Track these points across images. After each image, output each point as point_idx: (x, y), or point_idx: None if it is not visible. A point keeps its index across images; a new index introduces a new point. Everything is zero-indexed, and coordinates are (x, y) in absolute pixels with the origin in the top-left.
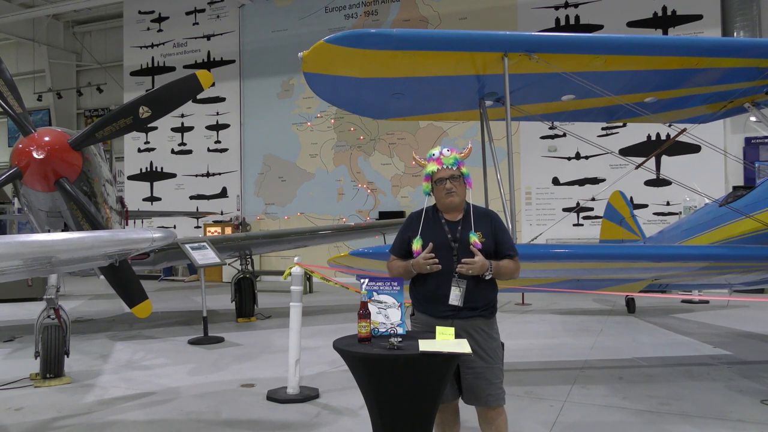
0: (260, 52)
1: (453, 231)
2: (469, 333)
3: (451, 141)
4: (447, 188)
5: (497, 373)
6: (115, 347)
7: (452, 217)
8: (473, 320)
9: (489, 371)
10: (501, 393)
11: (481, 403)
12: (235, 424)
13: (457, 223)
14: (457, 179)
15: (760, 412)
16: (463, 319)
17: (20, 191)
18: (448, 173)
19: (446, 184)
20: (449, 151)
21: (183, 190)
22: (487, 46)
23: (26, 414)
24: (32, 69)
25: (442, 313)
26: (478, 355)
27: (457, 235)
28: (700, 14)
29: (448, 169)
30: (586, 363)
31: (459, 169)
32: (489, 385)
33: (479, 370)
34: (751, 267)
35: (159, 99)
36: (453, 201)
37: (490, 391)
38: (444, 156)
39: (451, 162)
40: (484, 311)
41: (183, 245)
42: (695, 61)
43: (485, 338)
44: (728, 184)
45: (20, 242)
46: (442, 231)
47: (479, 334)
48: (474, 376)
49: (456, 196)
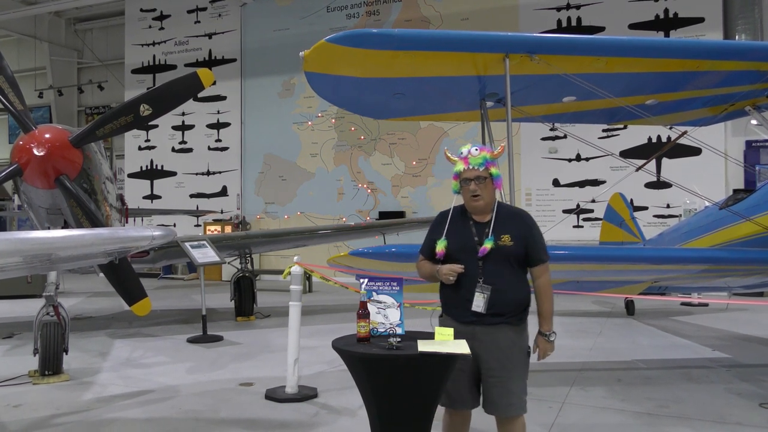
0: (261, 51)
1: (480, 233)
2: (494, 341)
3: (451, 141)
4: (471, 190)
5: (518, 383)
6: (114, 345)
7: (481, 218)
8: (499, 327)
9: (511, 381)
10: (521, 403)
11: (501, 413)
12: (234, 423)
13: (485, 224)
14: (483, 181)
15: (758, 415)
16: (486, 326)
17: (20, 188)
18: (474, 174)
19: (471, 185)
20: (478, 150)
21: (183, 189)
22: (489, 47)
23: (24, 411)
24: (33, 66)
25: (465, 318)
26: (501, 364)
27: (484, 237)
28: (701, 17)
29: (474, 169)
30: (585, 364)
31: (487, 170)
32: (509, 394)
33: (500, 379)
34: (751, 270)
35: (160, 97)
36: (477, 205)
37: (509, 400)
38: (472, 156)
39: (478, 162)
40: (511, 318)
41: (183, 243)
42: (696, 63)
43: (510, 346)
44: (728, 187)
45: (20, 239)
46: (468, 232)
47: (504, 342)
48: (493, 384)
49: (480, 199)
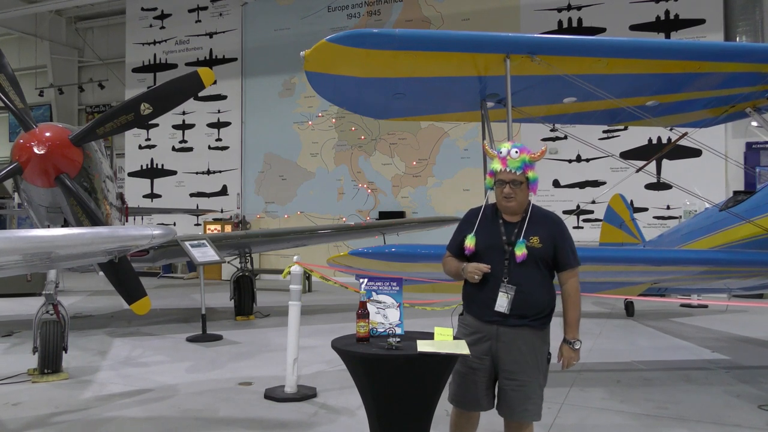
0: (262, 51)
1: (509, 233)
2: (516, 343)
3: (452, 142)
4: (505, 193)
5: (536, 389)
6: (114, 344)
7: (511, 218)
8: (521, 330)
9: (529, 387)
10: (537, 409)
11: (516, 418)
12: (232, 422)
13: (515, 225)
14: (519, 185)
15: (757, 417)
16: (510, 327)
17: (20, 186)
18: (510, 177)
19: (506, 188)
20: (518, 152)
21: (183, 188)
22: (490, 48)
23: (23, 409)
24: (34, 64)
25: (488, 318)
26: (521, 368)
27: (512, 238)
28: (702, 18)
29: (511, 172)
30: (584, 366)
31: (524, 174)
32: (526, 399)
33: (519, 384)
34: (751, 272)
35: (160, 96)
36: (509, 206)
37: (526, 406)
38: (511, 158)
39: (516, 166)
40: (534, 321)
41: (182, 243)
42: (697, 65)
43: (531, 350)
44: (729, 189)
45: (20, 237)
46: (497, 232)
47: (526, 345)
48: (512, 388)
49: (513, 201)
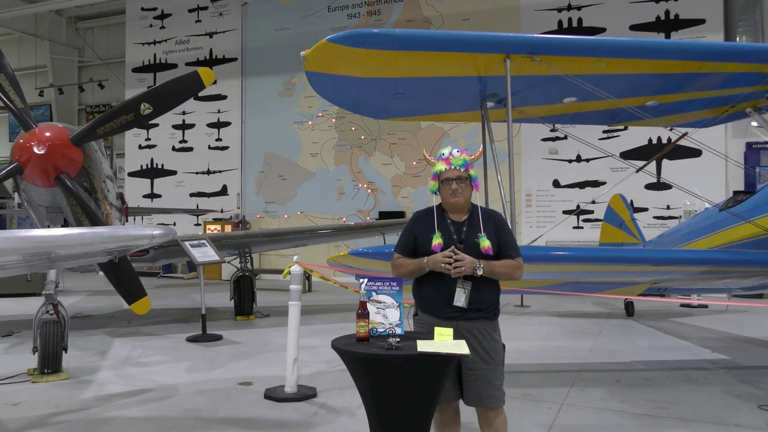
0: (262, 51)
1: (458, 231)
2: (473, 334)
3: (452, 142)
4: (453, 189)
5: (498, 375)
6: (114, 344)
7: (457, 217)
8: (477, 322)
9: (490, 373)
10: (501, 394)
11: (481, 404)
12: (232, 422)
13: (462, 223)
14: (463, 181)
15: (757, 417)
16: (468, 320)
17: (20, 186)
18: (456, 174)
19: (452, 184)
20: (459, 152)
21: (183, 188)
22: (490, 48)
23: (23, 409)
24: (34, 64)
25: (447, 314)
26: (480, 357)
27: (462, 235)
28: (702, 18)
29: (455, 170)
30: (584, 366)
31: (467, 171)
32: (490, 386)
33: (481, 372)
34: (751, 272)
35: (160, 96)
36: (457, 201)
37: (490, 392)
38: (453, 157)
39: (459, 163)
40: (488, 313)
41: (182, 243)
42: (697, 65)
43: (488, 340)
44: (729, 189)
45: (20, 237)
46: (447, 231)
47: (483, 336)
48: (475, 377)
49: (461, 196)
